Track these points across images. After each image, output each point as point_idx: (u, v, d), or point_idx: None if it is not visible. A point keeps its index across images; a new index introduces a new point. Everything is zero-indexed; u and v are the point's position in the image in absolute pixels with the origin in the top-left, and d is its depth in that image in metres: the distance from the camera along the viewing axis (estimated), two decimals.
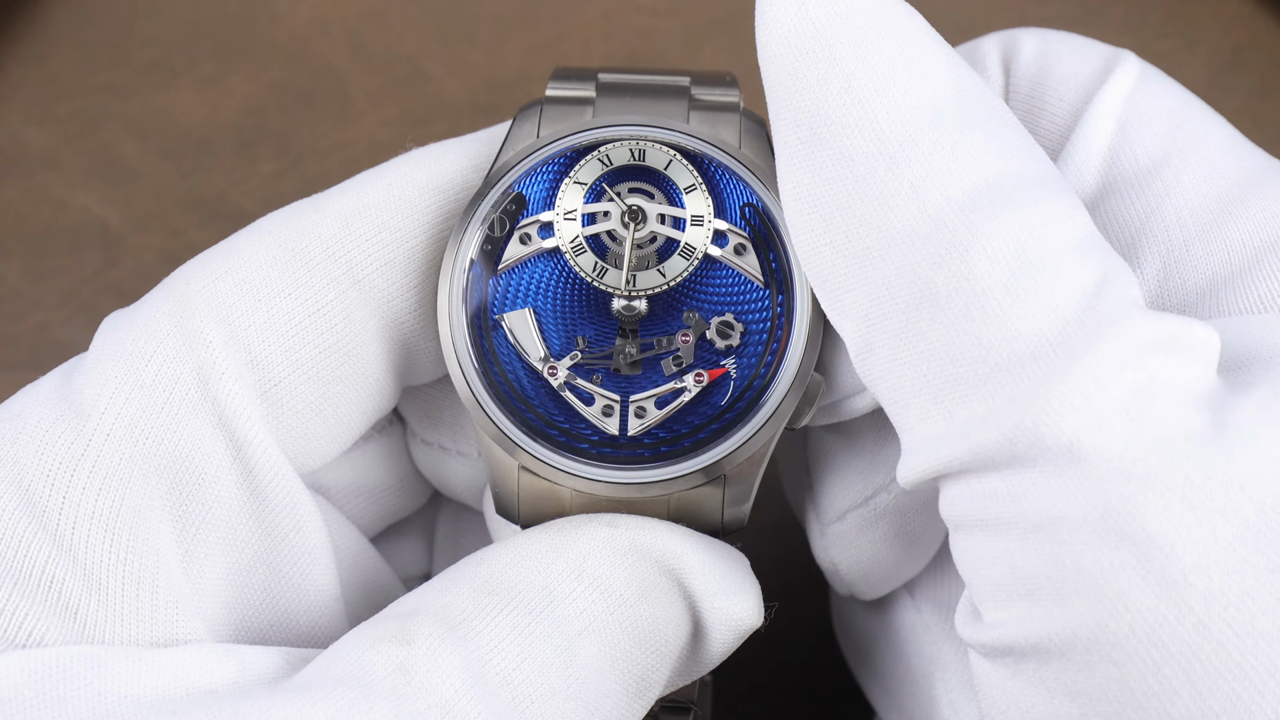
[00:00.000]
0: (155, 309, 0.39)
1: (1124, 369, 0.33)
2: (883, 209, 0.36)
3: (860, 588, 0.45)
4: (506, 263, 0.41)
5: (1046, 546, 0.34)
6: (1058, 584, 0.34)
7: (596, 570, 0.38)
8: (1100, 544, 0.33)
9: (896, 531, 0.44)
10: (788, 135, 0.37)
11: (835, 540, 0.44)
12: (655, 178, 0.41)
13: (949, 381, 0.35)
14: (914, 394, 0.36)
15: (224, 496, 0.39)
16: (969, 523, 0.36)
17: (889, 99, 0.36)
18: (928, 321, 0.35)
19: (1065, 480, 0.33)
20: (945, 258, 0.35)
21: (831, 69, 0.36)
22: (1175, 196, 0.40)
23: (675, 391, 0.40)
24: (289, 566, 0.41)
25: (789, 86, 0.37)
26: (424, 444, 0.45)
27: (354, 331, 0.40)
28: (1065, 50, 0.42)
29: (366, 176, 0.41)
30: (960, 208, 0.35)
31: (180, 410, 0.38)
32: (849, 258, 0.37)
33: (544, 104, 0.42)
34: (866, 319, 0.37)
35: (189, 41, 0.68)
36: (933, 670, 0.45)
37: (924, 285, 0.35)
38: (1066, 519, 0.33)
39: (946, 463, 0.36)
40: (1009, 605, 0.35)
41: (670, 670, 0.39)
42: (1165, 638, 0.32)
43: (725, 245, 0.40)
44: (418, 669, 0.35)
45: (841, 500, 0.44)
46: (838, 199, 0.36)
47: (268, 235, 0.40)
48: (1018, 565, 0.34)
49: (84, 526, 0.37)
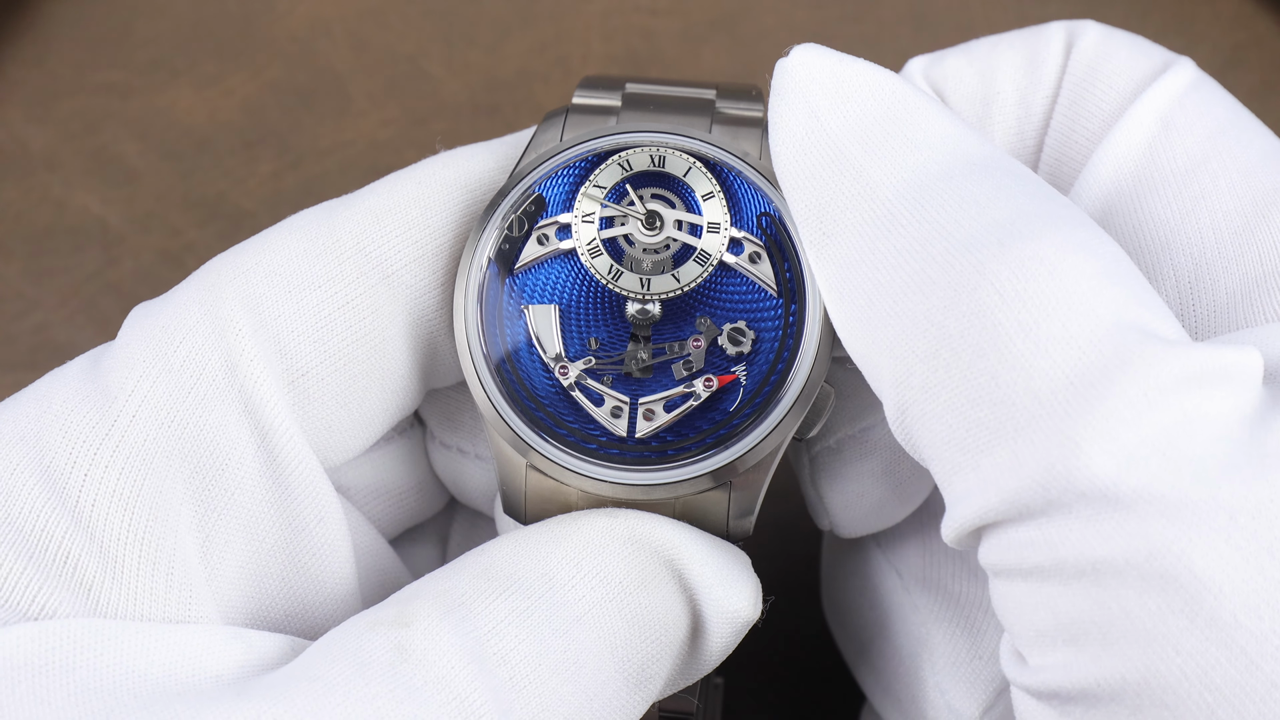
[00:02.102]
0: (185, 298, 0.40)
1: (1153, 405, 0.32)
2: (894, 269, 0.36)
3: (842, 521, 0.45)
4: (523, 263, 0.41)
5: (1090, 592, 0.33)
6: (1104, 629, 0.33)
7: (596, 559, 0.38)
8: (1145, 587, 0.32)
9: (885, 469, 0.44)
10: (810, 230, 0.38)
11: (823, 467, 0.44)
12: (674, 184, 0.41)
13: (972, 429, 0.35)
14: (944, 448, 0.36)
15: (246, 483, 0.39)
16: (1008, 570, 0.35)
17: (896, 177, 0.37)
18: (944, 369, 0.35)
19: (1104, 525, 0.33)
20: (953, 299, 0.35)
21: (843, 167, 0.37)
22: (1211, 199, 0.40)
23: (684, 395, 0.40)
24: (308, 557, 0.41)
25: (805, 186, 0.38)
26: (443, 447, 0.46)
27: (381, 325, 0.41)
28: (1126, 45, 0.43)
29: (397, 176, 0.42)
30: (966, 248, 0.35)
31: (207, 396, 0.39)
32: (874, 322, 0.37)
33: (569, 111, 0.42)
34: (895, 381, 0.36)
35: (189, 41, 0.68)
36: (920, 652, 0.45)
37: (936, 331, 0.35)
38: (1109, 564, 0.33)
39: (981, 515, 0.35)
40: (1054, 651, 0.34)
41: (670, 664, 0.39)
42: (1218, 680, 0.32)
43: (740, 253, 0.41)
44: (415, 647, 0.36)
45: (837, 425, 0.44)
46: (858, 274, 0.37)
47: (299, 230, 0.41)
48: (1061, 611, 0.34)
49: (103, 505, 0.37)
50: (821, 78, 0.38)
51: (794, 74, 0.38)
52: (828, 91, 0.38)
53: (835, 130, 0.38)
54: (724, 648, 0.40)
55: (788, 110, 0.38)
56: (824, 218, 0.38)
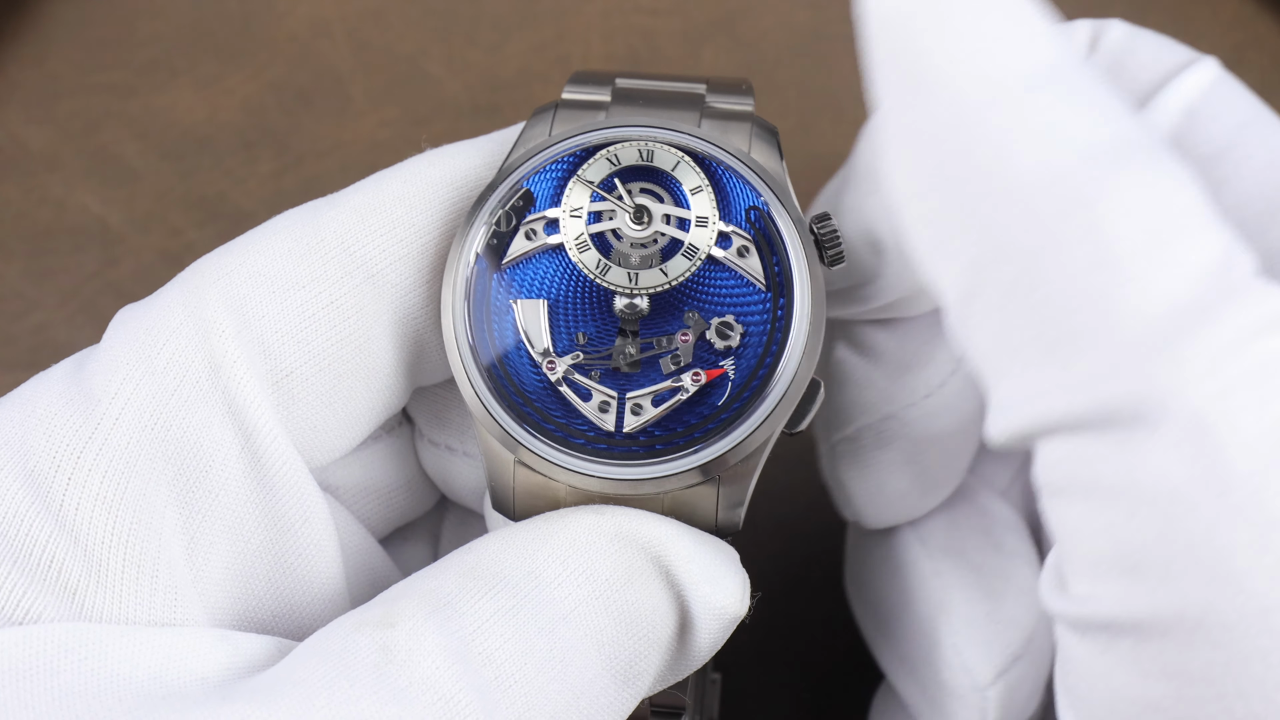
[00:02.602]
0: (169, 300, 0.40)
1: (1255, 339, 0.32)
2: (1002, 155, 0.35)
3: (865, 511, 0.45)
4: (511, 257, 0.41)
5: (1158, 519, 0.33)
6: (1166, 559, 0.33)
7: (581, 556, 0.38)
8: (1216, 520, 0.32)
9: (906, 459, 0.44)
10: (895, 80, 0.36)
11: (844, 457, 0.44)
12: (662, 178, 0.41)
13: (1069, 332, 0.34)
14: (1024, 342, 0.35)
15: (231, 485, 0.39)
16: (1071, 488, 0.35)
17: (1008, 48, 0.35)
18: (1050, 268, 0.34)
19: (1186, 450, 0.32)
20: (1073, 207, 0.34)
21: (949, 16, 0.36)
22: (1235, 184, 0.40)
23: (672, 390, 0.40)
24: (294, 557, 0.41)
25: (900, 31, 0.36)
26: (431, 444, 0.46)
27: (366, 325, 0.41)
28: (1151, 42, 0.43)
29: (382, 174, 0.42)
30: (1087, 158, 0.34)
31: (190, 398, 0.38)
32: (961, 202, 0.36)
33: (558, 106, 0.42)
34: (975, 264, 0.36)
35: (189, 41, 0.68)
36: (938, 615, 0.45)
37: (1047, 232, 0.34)
38: (1183, 491, 0.32)
39: (1061, 415, 0.34)
40: (1110, 579, 0.34)
41: (658, 661, 0.39)
42: (1278, 623, 0.31)
43: (729, 247, 0.41)
44: (400, 648, 0.36)
45: (856, 416, 0.44)
46: (951, 143, 0.36)
47: (283, 230, 0.41)
48: (1124, 538, 0.33)
49: (87, 508, 0.37)
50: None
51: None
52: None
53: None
54: (712, 643, 0.40)
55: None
56: (922, 66, 0.36)
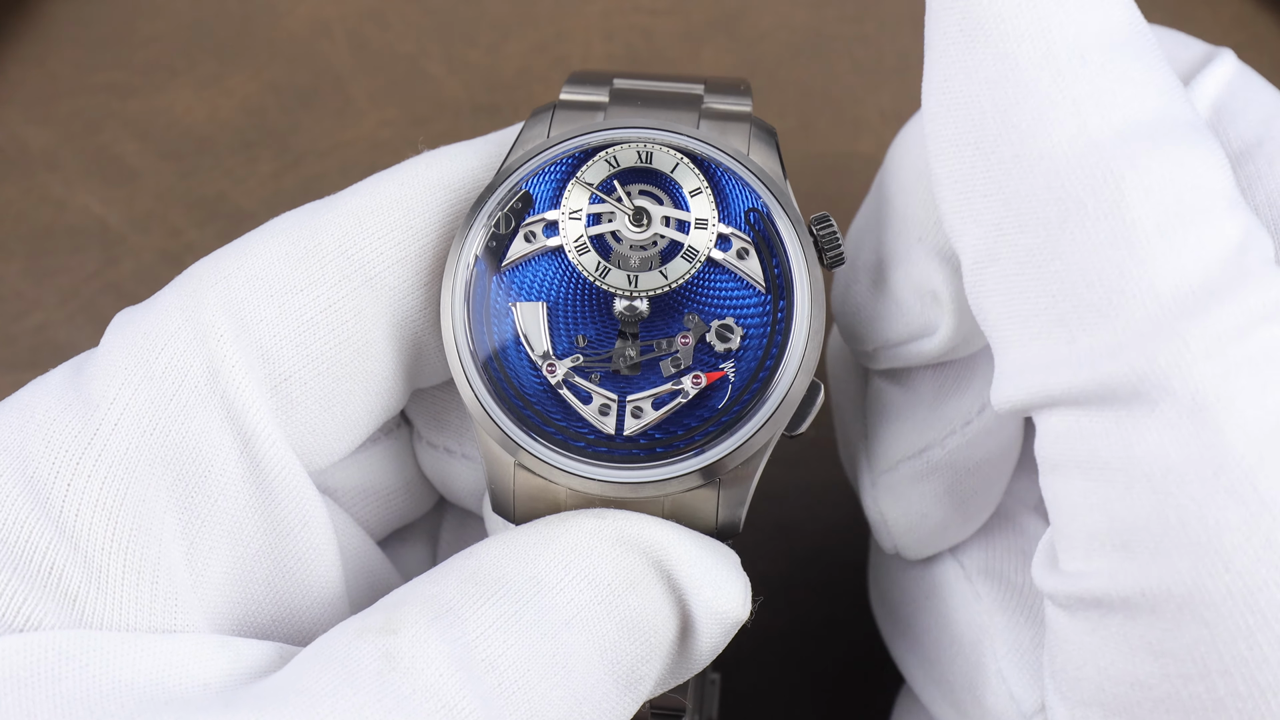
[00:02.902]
0: (167, 304, 0.40)
1: (1261, 324, 0.33)
2: (1041, 120, 0.35)
3: (906, 543, 0.45)
4: (511, 260, 0.41)
5: (1152, 496, 0.33)
6: (1158, 537, 0.33)
7: (584, 561, 0.38)
8: (1208, 499, 0.32)
9: (948, 488, 0.44)
10: (949, 27, 0.37)
11: (885, 490, 0.44)
12: (661, 180, 0.41)
13: (1080, 305, 0.35)
14: (1035, 312, 0.36)
15: (230, 489, 0.39)
16: (1069, 463, 0.35)
17: (1064, 10, 0.36)
18: (1069, 242, 0.35)
19: (1183, 429, 0.33)
20: (1100, 182, 0.35)
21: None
22: (1266, 179, 0.40)
23: (673, 393, 0.40)
24: (294, 561, 0.41)
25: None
26: (430, 447, 0.46)
27: (365, 328, 0.40)
28: (1168, 40, 0.43)
29: (379, 177, 0.42)
30: (1121, 135, 0.35)
31: (189, 402, 0.38)
32: (992, 162, 0.36)
33: (556, 107, 0.42)
34: (998, 227, 0.36)
35: (189, 41, 0.68)
36: (981, 639, 0.45)
37: (1073, 205, 0.35)
38: (1178, 469, 0.33)
39: (1064, 389, 0.35)
40: (1102, 555, 0.35)
41: (660, 665, 0.39)
42: (1263, 602, 0.32)
43: (728, 249, 0.41)
44: (403, 655, 0.36)
45: (895, 449, 0.44)
46: (993, 101, 0.36)
47: (280, 233, 0.40)
48: (1118, 513, 0.34)
49: (87, 514, 0.37)
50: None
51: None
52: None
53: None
54: (714, 647, 0.40)
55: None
56: (977, 17, 0.36)
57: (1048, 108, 0.35)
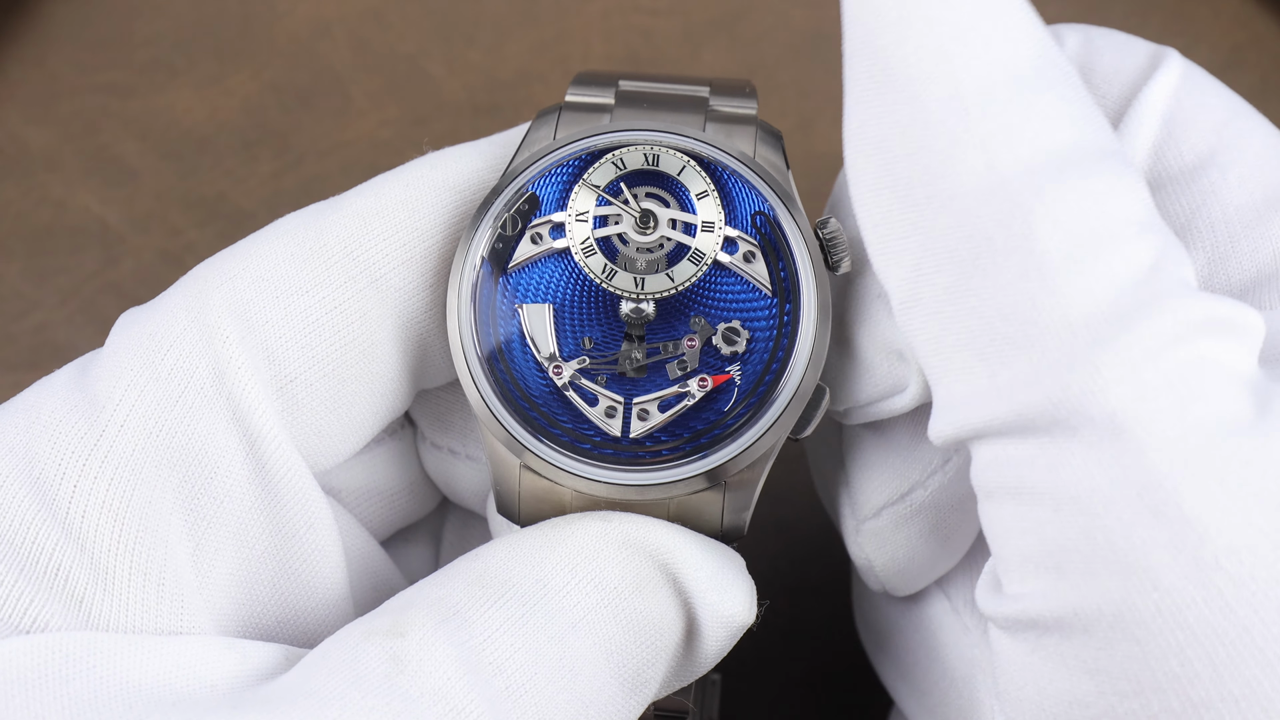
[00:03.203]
0: (172, 305, 0.39)
1: (1174, 345, 0.33)
2: (950, 160, 0.36)
3: (894, 584, 0.45)
4: (517, 262, 0.41)
5: (1079, 519, 0.34)
6: (1087, 557, 0.33)
7: (590, 564, 0.38)
8: (1134, 520, 0.33)
9: (932, 528, 0.44)
10: (861, 73, 0.37)
11: (870, 537, 0.44)
12: (668, 183, 0.41)
13: (996, 340, 0.35)
14: (957, 349, 0.36)
15: (236, 491, 0.39)
16: (1001, 490, 0.36)
17: (969, 49, 0.36)
18: (982, 278, 0.35)
19: (1105, 452, 0.33)
20: (1008, 217, 0.35)
21: (915, 10, 0.36)
22: (1221, 193, 0.40)
23: (679, 395, 0.40)
24: (299, 563, 0.41)
25: (869, 24, 0.36)
26: (434, 448, 0.46)
27: (370, 330, 0.40)
28: (1109, 46, 0.42)
29: (384, 178, 0.41)
30: (1028, 169, 0.35)
31: (195, 404, 0.38)
32: (908, 205, 0.36)
33: (562, 109, 0.42)
34: (917, 268, 0.37)
35: (189, 41, 0.68)
36: (974, 673, 0.44)
37: (983, 241, 0.35)
38: (1102, 492, 0.33)
39: (986, 421, 0.35)
40: (1035, 577, 0.35)
41: (665, 668, 0.39)
42: (1191, 619, 0.32)
43: (735, 252, 0.41)
44: (410, 658, 0.36)
45: (878, 496, 0.44)
46: (904, 144, 0.36)
47: (286, 234, 0.40)
48: (1048, 536, 0.34)
49: (93, 516, 0.37)
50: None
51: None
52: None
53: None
54: (719, 650, 0.40)
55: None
56: (886, 64, 0.36)
57: (956, 147, 0.36)
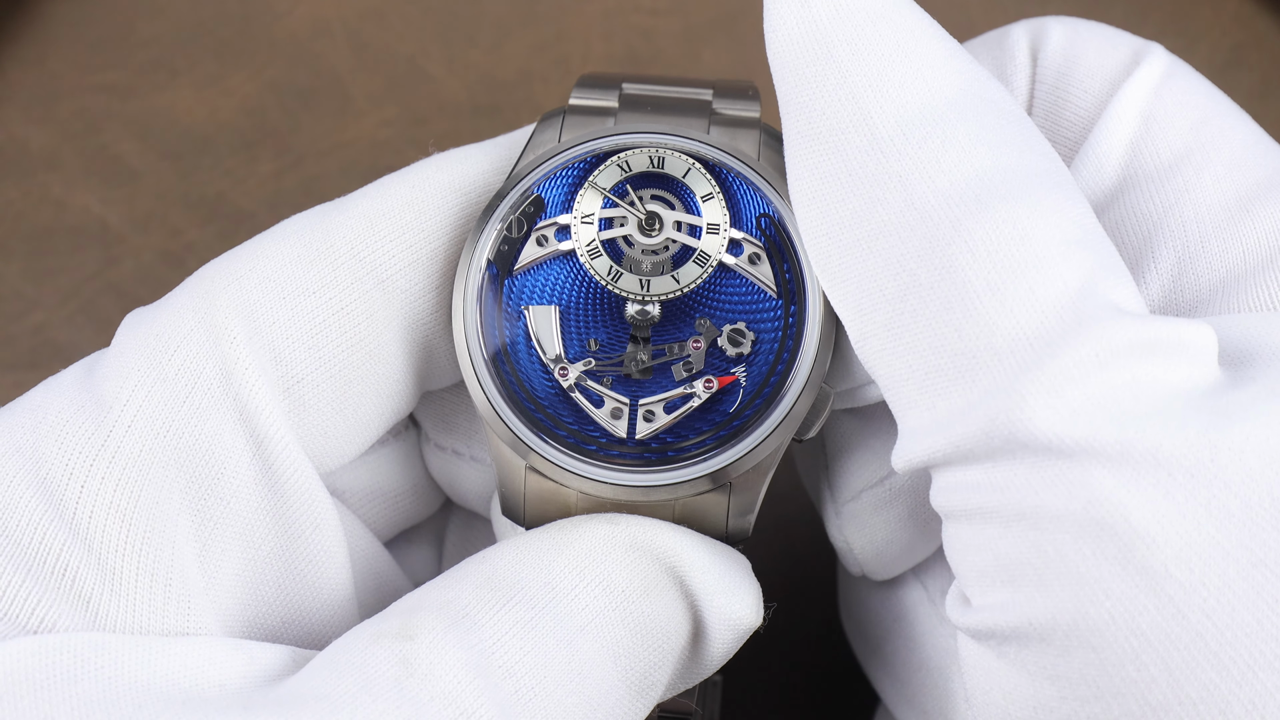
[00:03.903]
0: (179, 305, 0.40)
1: (1103, 367, 0.33)
2: (872, 202, 0.36)
3: (873, 568, 0.46)
4: (522, 264, 0.41)
5: (1029, 534, 0.34)
6: (1039, 571, 0.34)
7: (598, 567, 0.38)
8: (1081, 534, 0.33)
9: (910, 512, 0.44)
10: (791, 131, 0.38)
11: (850, 519, 0.44)
12: (673, 185, 0.41)
13: (931, 373, 0.36)
14: (902, 383, 0.37)
15: (242, 491, 0.39)
16: (956, 512, 0.36)
17: (882, 94, 0.37)
18: (911, 314, 0.36)
19: (1046, 472, 0.34)
20: (928, 251, 0.36)
21: (829, 66, 0.37)
22: (1195, 193, 0.40)
23: (684, 397, 0.40)
24: (305, 564, 0.41)
25: (793, 83, 0.38)
26: (438, 449, 0.46)
27: (376, 331, 0.40)
28: (1093, 40, 0.43)
29: (390, 179, 0.42)
30: (945, 201, 0.36)
31: (202, 404, 0.38)
32: (843, 249, 0.37)
33: (566, 112, 0.42)
34: (859, 308, 0.37)
35: (189, 41, 0.68)
36: (949, 663, 0.45)
37: (908, 278, 0.36)
38: (1048, 509, 0.34)
39: (929, 454, 0.36)
40: (993, 590, 0.36)
41: (672, 670, 0.39)
42: (1144, 626, 0.32)
43: (740, 254, 0.41)
44: (420, 661, 0.36)
45: (857, 480, 0.44)
46: (834, 192, 0.37)
47: (292, 235, 0.40)
48: (1001, 551, 0.35)
49: (100, 516, 0.37)
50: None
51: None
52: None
53: (824, 19, 0.37)
54: (725, 653, 0.40)
55: (780, 1, 0.38)
56: (810, 120, 0.37)
57: (876, 189, 0.36)
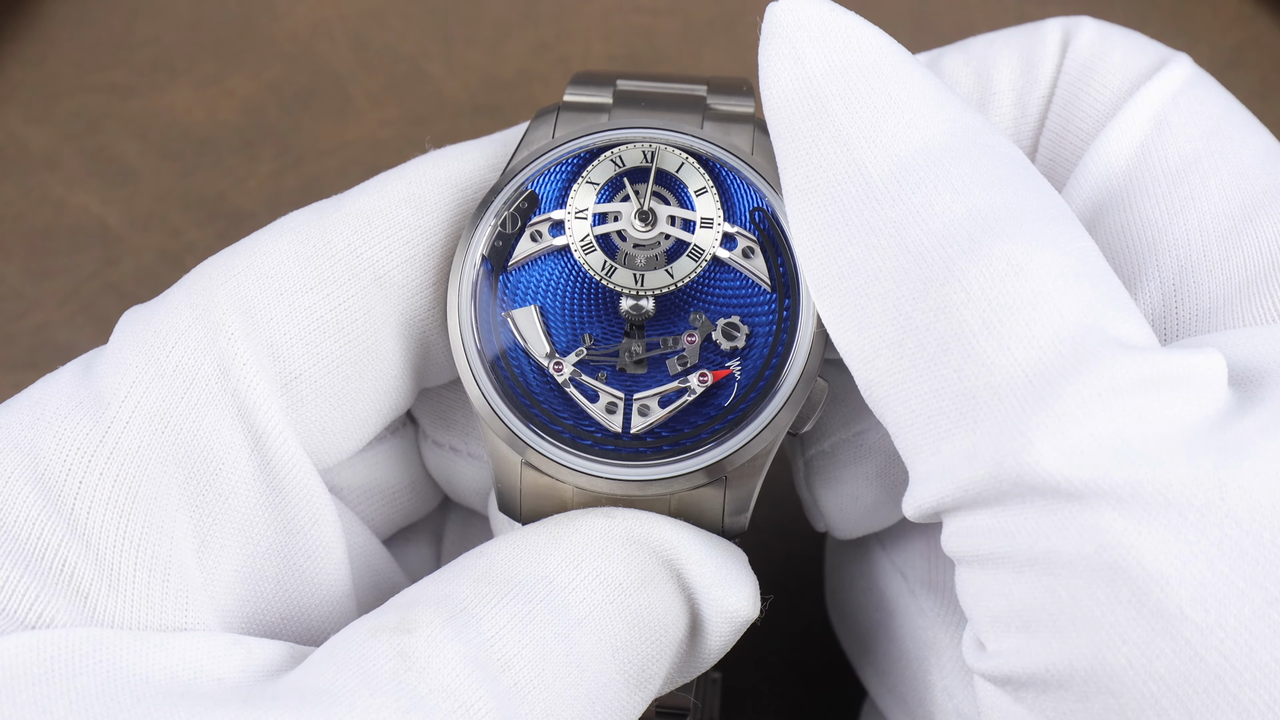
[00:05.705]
0: (177, 302, 0.40)
1: (1107, 405, 0.33)
2: (869, 249, 0.36)
3: (836, 523, 0.46)
4: (517, 259, 0.41)
5: (1042, 581, 0.34)
6: (1054, 617, 0.34)
7: (595, 560, 0.38)
8: (1094, 578, 0.33)
9: (879, 472, 0.44)
10: (790, 185, 0.38)
11: (818, 471, 0.44)
12: (666, 180, 0.41)
13: (934, 416, 0.35)
14: (908, 428, 0.36)
15: (241, 487, 0.39)
16: (968, 557, 0.36)
17: (875, 144, 0.37)
18: (910, 358, 0.36)
19: (1055, 516, 0.33)
20: (922, 293, 0.35)
21: (824, 120, 0.37)
22: (1200, 201, 0.40)
23: (679, 391, 0.40)
24: (303, 559, 0.41)
25: (789, 138, 0.38)
26: (435, 445, 0.46)
27: (374, 327, 0.41)
28: (1122, 42, 0.43)
29: (387, 176, 0.42)
30: (939, 242, 0.35)
31: (200, 400, 0.38)
32: (845, 298, 0.37)
33: (560, 108, 0.42)
34: (863, 356, 0.37)
35: (189, 41, 0.68)
36: (927, 655, 0.45)
37: (905, 321, 0.36)
38: (1060, 554, 0.33)
39: (938, 500, 0.36)
40: (1008, 636, 0.35)
41: (669, 663, 0.39)
42: (1162, 670, 0.32)
43: (734, 248, 0.41)
44: (419, 655, 0.36)
45: (829, 426, 0.44)
46: (833, 243, 0.37)
47: (290, 232, 0.41)
48: (1015, 598, 0.35)
49: (98, 511, 0.37)
50: (808, 22, 0.38)
51: (781, 17, 0.38)
52: (813, 36, 0.38)
53: (817, 76, 0.37)
54: (722, 646, 0.40)
55: (773, 53, 0.38)
56: (807, 173, 0.38)
57: (872, 235, 0.36)
